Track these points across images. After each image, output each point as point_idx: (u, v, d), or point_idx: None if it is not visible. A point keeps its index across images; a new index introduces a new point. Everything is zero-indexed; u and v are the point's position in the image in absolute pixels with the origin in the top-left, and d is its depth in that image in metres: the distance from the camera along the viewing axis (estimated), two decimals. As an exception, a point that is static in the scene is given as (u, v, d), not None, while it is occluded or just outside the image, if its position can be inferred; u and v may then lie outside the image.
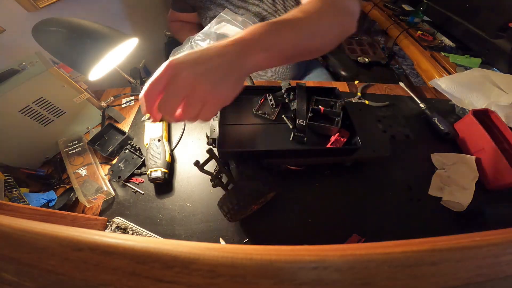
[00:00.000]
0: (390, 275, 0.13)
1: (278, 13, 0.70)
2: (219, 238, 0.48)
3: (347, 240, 0.47)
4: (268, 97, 0.45)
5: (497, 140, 0.54)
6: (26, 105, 0.51)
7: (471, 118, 0.57)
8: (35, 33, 0.48)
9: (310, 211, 0.51)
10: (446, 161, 0.57)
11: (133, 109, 0.71)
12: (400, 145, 0.60)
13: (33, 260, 0.13)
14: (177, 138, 0.63)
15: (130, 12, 1.07)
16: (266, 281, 0.12)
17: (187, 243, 0.13)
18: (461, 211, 0.50)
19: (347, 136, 0.48)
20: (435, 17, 1.15)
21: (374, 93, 0.75)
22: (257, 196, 0.41)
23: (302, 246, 0.13)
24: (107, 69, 0.57)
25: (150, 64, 0.86)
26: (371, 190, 0.54)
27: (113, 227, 0.48)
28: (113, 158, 0.59)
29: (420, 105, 0.68)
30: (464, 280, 0.13)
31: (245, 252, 0.12)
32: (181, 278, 0.12)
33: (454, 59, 0.93)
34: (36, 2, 0.72)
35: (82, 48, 0.48)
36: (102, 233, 0.14)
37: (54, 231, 0.13)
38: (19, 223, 0.14)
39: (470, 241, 0.13)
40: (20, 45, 0.71)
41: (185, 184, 0.55)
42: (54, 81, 0.54)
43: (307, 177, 0.56)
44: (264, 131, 0.49)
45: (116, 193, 0.54)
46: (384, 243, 0.13)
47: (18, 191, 0.48)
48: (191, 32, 0.79)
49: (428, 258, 0.13)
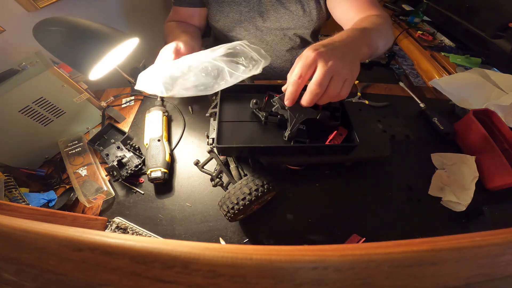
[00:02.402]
0: (390, 275, 0.13)
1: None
2: (219, 238, 0.48)
3: (347, 240, 0.47)
4: (273, 102, 0.46)
5: (497, 140, 0.54)
6: (26, 105, 0.51)
7: (471, 118, 0.57)
8: (35, 33, 0.48)
9: (310, 211, 0.51)
10: (446, 161, 0.57)
11: (133, 109, 0.71)
12: (400, 145, 0.60)
13: (33, 260, 0.13)
14: (177, 138, 0.63)
15: (130, 12, 1.07)
16: (266, 281, 0.12)
17: (187, 243, 0.13)
18: (461, 211, 0.50)
19: (346, 133, 0.48)
20: (435, 17, 1.15)
21: (374, 93, 0.75)
22: (257, 196, 0.41)
23: (302, 246, 0.13)
24: (107, 69, 0.57)
25: (150, 64, 0.86)
26: (371, 190, 0.54)
27: (113, 227, 0.48)
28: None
29: (420, 105, 0.68)
30: (464, 280, 0.13)
31: (245, 252, 0.12)
32: (181, 278, 0.12)
33: (454, 59, 0.93)
34: (36, 2, 0.72)
35: (82, 47, 0.48)
36: (102, 233, 0.14)
37: (54, 231, 0.13)
38: (19, 223, 0.14)
39: (470, 241, 0.13)
40: (20, 45, 0.71)
41: (185, 184, 0.55)
42: (54, 81, 0.54)
43: (307, 177, 0.56)
44: (263, 128, 0.49)
45: (116, 193, 0.54)
46: (384, 243, 0.13)
47: (18, 191, 0.48)
48: (179, 36, 0.64)
49: (428, 258, 0.13)
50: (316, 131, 0.48)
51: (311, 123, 0.46)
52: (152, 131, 0.59)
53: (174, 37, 0.64)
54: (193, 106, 0.70)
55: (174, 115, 0.68)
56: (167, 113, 0.65)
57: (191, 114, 0.69)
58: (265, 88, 0.55)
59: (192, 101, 0.72)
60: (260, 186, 0.42)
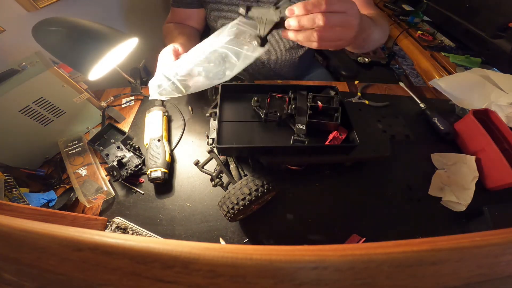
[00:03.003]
0: (390, 275, 0.13)
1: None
2: (219, 238, 0.48)
3: (347, 240, 0.47)
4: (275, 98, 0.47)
5: (497, 140, 0.53)
6: (26, 105, 0.51)
7: (471, 118, 0.57)
8: (35, 33, 0.48)
9: (310, 211, 0.51)
10: (446, 161, 0.57)
11: (133, 109, 0.71)
12: (400, 145, 0.60)
13: (33, 260, 0.13)
14: (177, 138, 0.63)
15: (130, 12, 1.07)
16: (266, 281, 0.12)
17: (187, 243, 0.13)
18: (461, 211, 0.50)
19: (346, 133, 0.48)
20: (435, 17, 1.15)
21: (374, 93, 0.75)
22: (257, 196, 0.41)
23: (302, 246, 0.13)
24: (107, 69, 0.57)
25: (150, 64, 0.86)
26: (371, 190, 0.54)
27: (113, 227, 0.48)
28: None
29: (420, 105, 0.68)
30: (464, 280, 0.13)
31: (245, 252, 0.12)
32: (181, 278, 0.12)
33: (454, 59, 0.93)
34: (36, 2, 0.72)
35: (82, 47, 0.48)
36: (102, 233, 0.14)
37: (54, 231, 0.13)
38: (19, 223, 0.14)
39: (470, 241, 0.13)
40: (20, 45, 0.71)
41: (185, 184, 0.55)
42: (54, 81, 0.54)
43: (307, 177, 0.56)
44: (263, 128, 0.49)
45: (116, 193, 0.54)
46: (384, 243, 0.13)
47: (18, 191, 0.48)
48: (173, 36, 0.68)
49: (428, 258, 0.13)
50: (316, 131, 0.48)
51: (312, 124, 0.46)
52: (152, 131, 0.59)
53: (171, 39, 0.66)
54: (193, 106, 0.70)
55: (174, 115, 0.68)
56: (167, 113, 0.65)
57: (191, 114, 0.69)
58: (265, 88, 0.55)
59: (192, 101, 0.72)
60: (260, 186, 0.42)
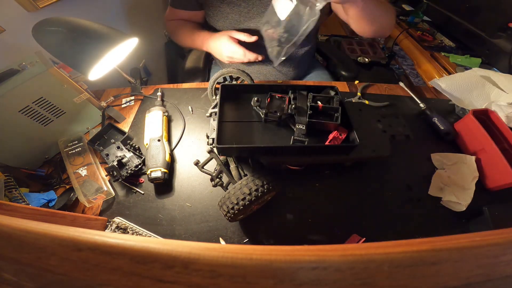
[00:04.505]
0: (390, 275, 0.13)
1: None
2: (219, 238, 0.48)
3: (347, 240, 0.47)
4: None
5: (497, 140, 0.53)
6: (26, 105, 0.51)
7: (471, 118, 0.57)
8: (35, 33, 0.48)
9: (310, 211, 0.51)
10: (446, 161, 0.57)
11: (133, 109, 0.71)
12: (400, 145, 0.60)
13: (33, 260, 0.13)
14: (177, 138, 0.63)
15: (130, 12, 1.07)
16: (266, 281, 0.12)
17: (187, 243, 0.13)
18: (461, 211, 0.50)
19: (346, 133, 0.48)
20: (435, 17, 1.15)
21: (374, 93, 0.75)
22: (257, 196, 0.41)
23: (302, 246, 0.13)
24: (107, 69, 0.57)
25: (150, 64, 0.86)
26: (371, 190, 0.54)
27: (113, 227, 0.48)
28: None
29: (420, 105, 0.68)
30: (464, 280, 0.13)
31: (245, 252, 0.12)
32: (181, 278, 0.12)
33: (454, 59, 0.93)
34: (36, 2, 0.72)
35: (82, 47, 0.48)
36: (102, 233, 0.14)
37: (54, 231, 0.13)
38: (19, 223, 0.14)
39: (470, 241, 0.13)
40: (20, 45, 0.71)
41: (185, 184, 0.55)
42: (54, 81, 0.54)
43: (307, 177, 0.56)
44: (263, 128, 0.49)
45: (116, 193, 0.54)
46: (384, 243, 0.13)
47: (18, 191, 0.48)
48: (192, 31, 0.76)
49: (428, 258, 0.13)
50: (316, 131, 0.48)
51: (312, 124, 0.46)
52: (152, 131, 0.59)
53: (190, 32, 0.77)
54: (193, 106, 0.70)
55: (174, 115, 0.68)
56: (167, 113, 0.65)
57: (191, 114, 0.69)
58: (265, 88, 0.55)
59: (192, 101, 0.72)
60: (260, 186, 0.42)
